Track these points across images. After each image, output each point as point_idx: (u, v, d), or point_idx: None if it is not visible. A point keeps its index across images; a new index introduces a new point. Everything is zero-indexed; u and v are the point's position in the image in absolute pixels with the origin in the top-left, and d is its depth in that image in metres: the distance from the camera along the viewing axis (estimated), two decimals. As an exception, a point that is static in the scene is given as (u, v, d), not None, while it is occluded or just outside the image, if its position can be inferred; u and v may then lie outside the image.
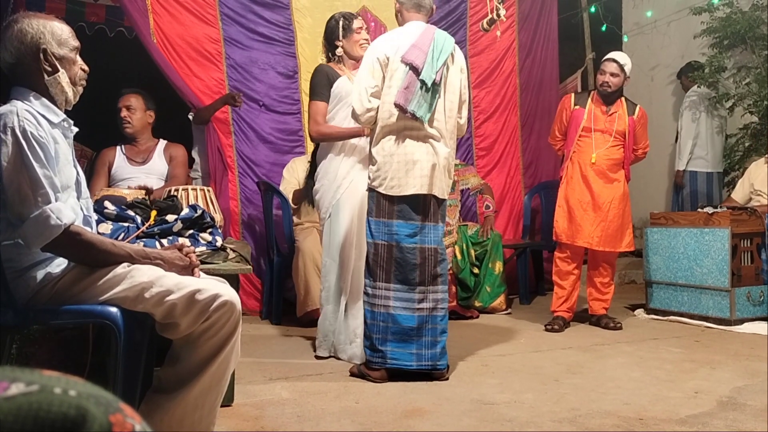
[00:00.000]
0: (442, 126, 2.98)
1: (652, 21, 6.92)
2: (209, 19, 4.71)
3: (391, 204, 2.94)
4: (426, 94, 2.89)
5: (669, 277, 4.55)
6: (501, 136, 5.77)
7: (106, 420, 0.52)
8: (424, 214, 2.97)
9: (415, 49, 2.91)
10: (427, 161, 2.92)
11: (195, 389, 1.77)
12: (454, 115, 3.05)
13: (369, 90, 2.95)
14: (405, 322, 2.93)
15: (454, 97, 3.03)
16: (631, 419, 2.38)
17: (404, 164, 2.91)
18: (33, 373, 0.53)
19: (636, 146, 4.28)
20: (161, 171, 3.81)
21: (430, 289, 2.96)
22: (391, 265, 2.95)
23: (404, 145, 2.92)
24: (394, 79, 2.93)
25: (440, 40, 2.98)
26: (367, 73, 2.97)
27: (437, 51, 2.93)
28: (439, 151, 2.96)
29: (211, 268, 2.25)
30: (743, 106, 5.57)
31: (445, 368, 2.96)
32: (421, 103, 2.88)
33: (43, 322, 1.92)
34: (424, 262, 2.96)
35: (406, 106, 2.87)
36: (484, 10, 5.20)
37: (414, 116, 2.88)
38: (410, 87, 2.88)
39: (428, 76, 2.88)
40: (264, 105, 4.85)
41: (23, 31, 1.83)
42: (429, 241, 2.97)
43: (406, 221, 2.95)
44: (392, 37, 3.06)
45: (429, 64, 2.89)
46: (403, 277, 2.94)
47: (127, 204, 2.36)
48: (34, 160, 1.71)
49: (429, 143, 2.94)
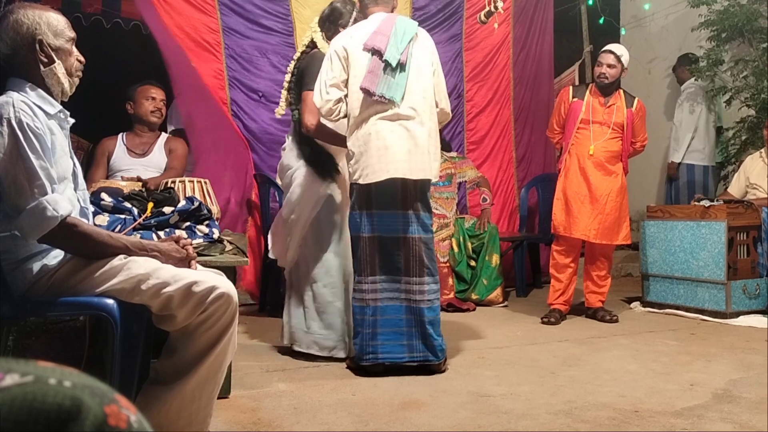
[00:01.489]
0: (418, 104, 2.89)
1: (650, 14, 6.91)
2: (207, 9, 4.69)
3: (369, 194, 2.89)
4: (393, 75, 2.83)
5: (665, 270, 4.56)
6: (493, 129, 5.76)
7: (101, 411, 0.52)
8: (404, 201, 2.90)
9: (376, 35, 2.87)
10: (401, 145, 2.83)
11: (192, 381, 1.77)
12: (429, 94, 2.96)
13: (328, 82, 2.90)
14: (393, 313, 2.90)
15: (425, 77, 2.95)
16: (627, 411, 2.39)
17: (376, 150, 2.83)
18: (28, 364, 0.53)
19: (634, 139, 4.28)
20: (160, 164, 3.81)
21: (416, 280, 2.90)
22: (375, 257, 2.90)
23: (376, 131, 2.84)
24: (357, 68, 2.88)
25: (402, 23, 2.94)
26: (325, 68, 2.94)
27: (400, 32, 2.88)
28: (415, 132, 2.86)
29: (208, 260, 2.25)
30: (740, 100, 5.57)
31: (439, 361, 2.91)
32: (389, 84, 2.82)
33: (40, 313, 1.92)
34: (408, 252, 2.89)
35: (373, 90, 2.81)
36: (480, 3, 5.20)
37: (383, 98, 2.81)
38: (374, 70, 2.83)
39: (392, 56, 2.82)
40: (263, 96, 4.84)
41: (19, 22, 1.82)
42: (412, 230, 2.90)
43: (386, 210, 2.89)
44: (350, 31, 3.02)
45: (393, 45, 2.84)
46: (388, 267, 2.91)
47: (124, 196, 2.36)
48: (31, 151, 1.71)
49: (401, 125, 2.85)
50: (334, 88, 2.90)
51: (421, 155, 2.87)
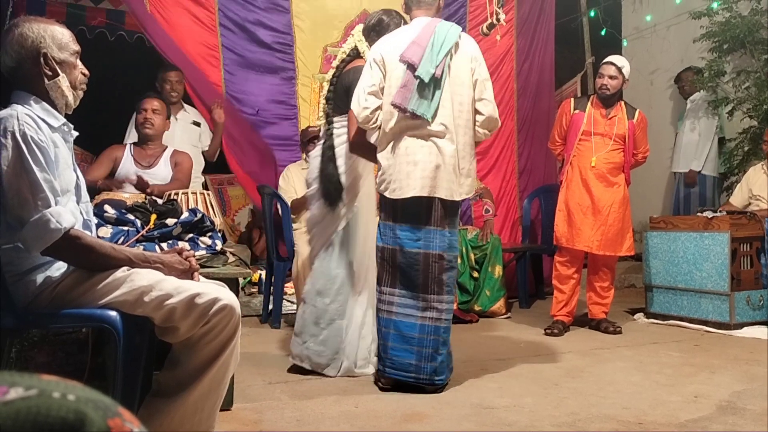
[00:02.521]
0: (449, 121, 2.82)
1: (652, 25, 6.93)
2: (208, 24, 4.72)
3: (395, 207, 2.87)
4: (426, 91, 2.78)
5: (669, 281, 4.55)
6: (497, 140, 5.76)
7: (104, 424, 0.52)
8: (428, 218, 2.84)
9: (413, 46, 2.82)
10: (429, 161, 2.80)
11: (194, 393, 1.77)
12: (466, 108, 2.87)
13: (366, 89, 2.86)
14: (406, 330, 2.83)
15: (462, 89, 2.86)
16: (631, 423, 2.38)
17: (405, 165, 2.81)
18: (32, 378, 0.54)
19: (636, 150, 4.28)
20: (165, 177, 3.82)
21: (434, 298, 2.84)
22: (396, 270, 2.87)
23: (406, 146, 2.82)
24: (393, 79, 2.84)
25: (442, 32, 2.85)
26: (365, 75, 2.89)
27: (438, 44, 2.80)
28: (444, 149, 2.81)
29: (210, 272, 2.26)
30: (743, 110, 5.58)
31: (443, 382, 2.84)
32: (421, 101, 2.77)
33: (43, 325, 1.92)
34: (427, 269, 2.83)
35: (405, 105, 2.77)
36: (483, 15, 5.22)
37: (414, 115, 2.77)
38: (408, 85, 2.79)
39: (425, 72, 2.76)
40: (259, 110, 4.86)
41: (24, 36, 1.84)
42: (434, 246, 2.84)
43: (409, 225, 2.85)
44: (392, 37, 2.96)
45: (427, 59, 2.78)
46: (407, 282, 2.85)
47: (127, 208, 2.36)
48: (34, 164, 1.71)
49: (432, 142, 2.81)
50: (372, 96, 2.86)
51: (449, 174, 2.82)
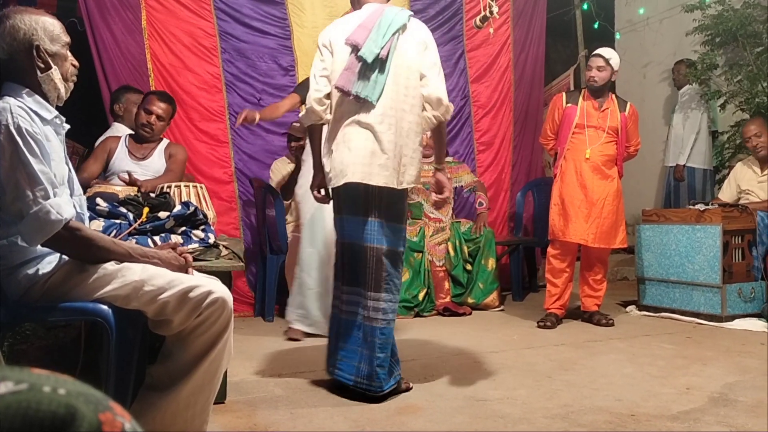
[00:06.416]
0: (392, 104, 2.62)
1: (645, 18, 6.94)
2: (204, 13, 4.70)
3: (338, 198, 2.73)
4: (370, 72, 2.61)
5: (661, 273, 4.57)
6: (498, 131, 5.78)
7: (95, 418, 0.52)
8: (366, 207, 2.63)
9: (359, 29, 2.66)
10: (364, 147, 2.59)
11: (187, 386, 1.77)
12: (412, 92, 2.67)
13: (318, 74, 2.72)
14: (354, 330, 2.65)
15: (409, 72, 2.66)
16: (623, 415, 2.39)
17: (342, 152, 2.63)
18: (22, 372, 0.53)
19: (628, 143, 4.29)
20: (158, 169, 3.79)
21: (371, 296, 2.62)
22: (346, 265, 2.71)
23: (344, 133, 2.63)
24: (338, 63, 2.68)
25: (390, 14, 2.69)
26: (316, 60, 2.76)
27: (384, 25, 2.64)
28: (382, 135, 2.59)
29: (203, 265, 2.25)
30: (735, 104, 5.59)
31: (380, 391, 2.58)
32: (365, 83, 2.60)
33: (35, 319, 1.91)
34: (365, 263, 2.63)
35: (348, 88, 2.59)
36: (478, 6, 5.21)
37: (358, 97, 2.59)
38: (351, 67, 2.62)
39: (369, 52, 2.59)
40: (261, 100, 4.84)
41: (15, 27, 1.82)
42: (372, 239, 2.63)
43: (350, 216, 2.68)
44: (340, 22, 2.82)
45: (372, 40, 2.61)
46: (352, 278, 2.67)
47: (120, 201, 2.35)
48: (31, 156, 1.70)
49: (371, 127, 2.60)
50: (324, 78, 2.72)
51: (388, 160, 2.61)
